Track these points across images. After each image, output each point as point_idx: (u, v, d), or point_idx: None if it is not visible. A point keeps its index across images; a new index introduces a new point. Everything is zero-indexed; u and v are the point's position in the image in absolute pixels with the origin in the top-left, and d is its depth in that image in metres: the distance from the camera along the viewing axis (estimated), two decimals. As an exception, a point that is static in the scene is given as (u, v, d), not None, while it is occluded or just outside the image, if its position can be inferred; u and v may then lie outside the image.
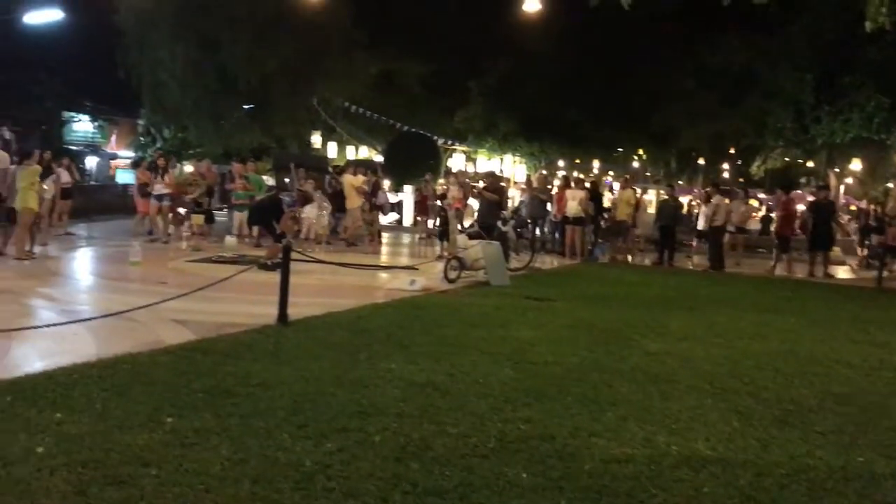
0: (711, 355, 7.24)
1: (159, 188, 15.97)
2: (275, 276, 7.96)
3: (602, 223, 18.10)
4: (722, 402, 5.63)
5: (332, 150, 34.61)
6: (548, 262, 16.01)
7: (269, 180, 18.48)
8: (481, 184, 16.21)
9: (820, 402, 5.72)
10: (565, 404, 5.32)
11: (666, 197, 18.19)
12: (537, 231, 18.21)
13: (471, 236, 12.45)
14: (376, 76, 31.27)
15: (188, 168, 19.47)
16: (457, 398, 5.32)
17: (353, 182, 17.50)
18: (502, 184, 16.06)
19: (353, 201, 17.32)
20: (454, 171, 29.30)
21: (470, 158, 39.84)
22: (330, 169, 21.64)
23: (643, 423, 4.97)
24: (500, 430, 4.69)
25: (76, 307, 8.38)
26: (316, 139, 33.46)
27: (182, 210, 15.97)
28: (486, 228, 12.59)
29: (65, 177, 15.93)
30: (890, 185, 31.84)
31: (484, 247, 11.70)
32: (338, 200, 17.75)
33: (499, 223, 13.53)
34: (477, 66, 35.53)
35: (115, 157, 36.45)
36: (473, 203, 19.29)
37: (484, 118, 37.51)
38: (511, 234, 13.53)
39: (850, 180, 35.45)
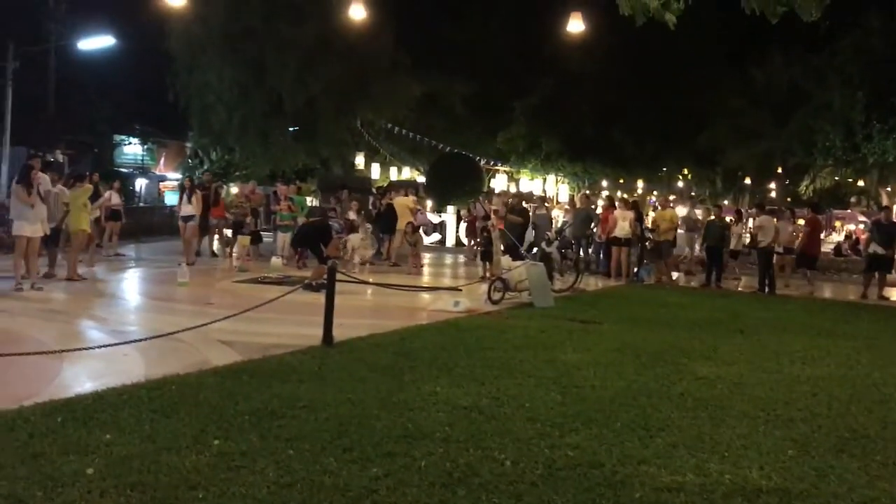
0: (763, 380, 7.05)
1: (187, 210, 15.80)
2: (320, 298, 8.00)
3: (647, 244, 17.86)
4: (776, 429, 5.47)
5: (375, 170, 34.90)
6: (592, 283, 15.85)
7: (312, 201, 18.67)
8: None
9: (879, 431, 5.52)
10: (614, 430, 5.22)
11: (713, 217, 17.87)
12: (581, 252, 18.05)
13: (516, 257, 12.39)
14: (419, 97, 31.50)
15: (234, 190, 19.76)
16: (503, 423, 5.26)
17: (405, 203, 17.56)
18: (526, 205, 16.00)
19: (403, 222, 17.34)
20: (497, 191, 29.29)
21: (513, 179, 39.81)
22: (374, 189, 21.78)
23: (694, 451, 4.85)
24: (547, 456, 4.62)
25: (125, 328, 8.52)
26: (359, 160, 33.78)
27: (228, 231, 16.18)
28: (510, 250, 12.60)
29: (115, 199, 16.28)
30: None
31: (528, 268, 11.63)
32: (382, 221, 17.82)
33: (543, 244, 13.45)
34: (520, 87, 35.55)
35: (163, 179, 37.17)
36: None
37: (527, 138, 37.43)
38: (555, 254, 13.41)
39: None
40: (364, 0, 16.45)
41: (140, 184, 36.49)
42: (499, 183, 37.81)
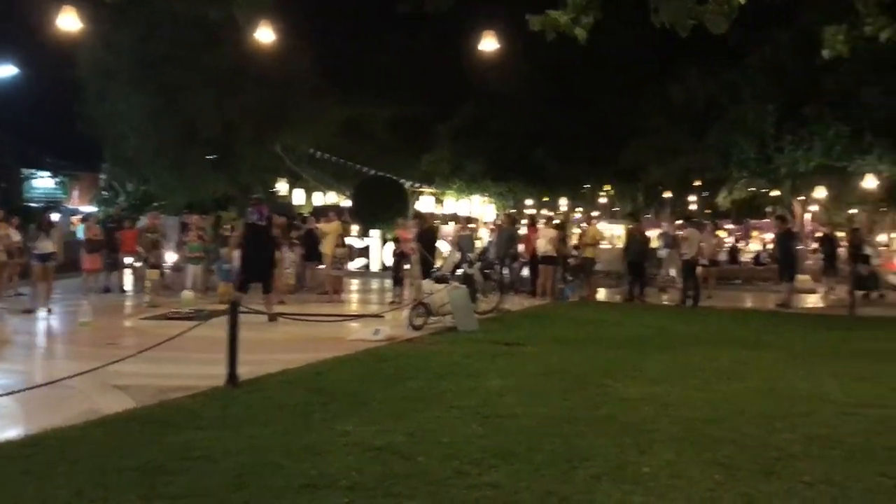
0: (689, 399, 6.87)
1: (42, 246, 13.87)
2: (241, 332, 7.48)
3: (570, 261, 17.82)
4: (704, 451, 5.24)
5: (298, 196, 34.20)
6: (517, 303, 15.64)
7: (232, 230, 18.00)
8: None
9: (805, 448, 5.35)
10: (535, 464, 4.90)
11: (634, 232, 17.98)
12: (506, 272, 17.88)
13: (437, 280, 12.08)
14: (343, 122, 31.06)
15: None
16: (417, 463, 4.89)
17: (331, 228, 17.08)
18: (430, 224, 15.98)
19: (328, 248, 16.80)
20: (419, 213, 29.00)
21: (438, 200, 39.65)
22: (297, 216, 21.25)
23: (618, 482, 4.57)
24: (464, 499, 4.27)
25: (10, 376, 7.80)
26: (282, 186, 33.06)
27: (138, 264, 15.44)
28: (428, 273, 12.50)
29: (15, 236, 15.33)
30: (853, 210, 32.09)
31: (450, 291, 11.32)
32: (307, 248, 17.31)
33: (465, 266, 13.21)
34: (443, 109, 35.56)
35: (75, 212, 35.76)
36: (442, 245, 19.01)
37: (451, 160, 37.41)
38: (477, 275, 13.16)
39: (815, 208, 35.71)
40: (282, 25, 16.05)
41: (52, 218, 35.00)
42: (424, 204, 37.60)
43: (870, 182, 26.06)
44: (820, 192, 30.93)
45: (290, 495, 4.25)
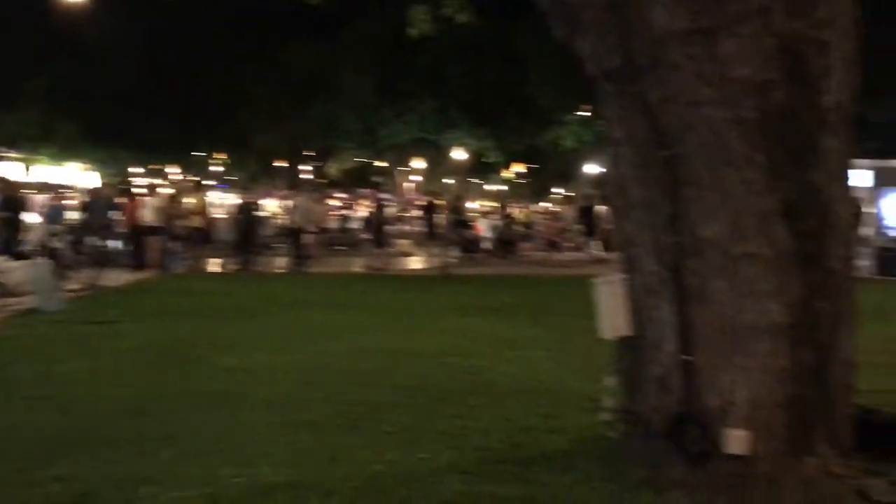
0: (287, 364, 6.93)
1: None
2: None
3: (177, 231, 17.02)
4: (295, 414, 5.31)
5: None
6: (117, 278, 14.50)
7: None
8: None
9: (392, 399, 5.70)
10: (115, 448, 4.53)
11: (243, 201, 17.79)
12: (105, 244, 16.45)
13: (17, 256, 10.68)
14: None
15: None
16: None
17: None
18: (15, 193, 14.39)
19: None
20: (4, 179, 25.48)
21: (27, 167, 35.20)
22: None
23: (205, 456, 4.41)
24: (26, 498, 3.78)
25: None
26: None
27: None
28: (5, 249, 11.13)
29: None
30: (448, 181, 35.52)
31: (29, 268, 10.07)
32: None
33: (53, 238, 11.89)
34: (36, 64, 31.40)
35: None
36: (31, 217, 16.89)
37: (41, 123, 33.34)
38: (67, 250, 11.92)
39: (417, 178, 38.78)
40: None
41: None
42: (10, 171, 33.10)
43: (459, 154, 28.97)
44: (419, 163, 33.66)
45: None
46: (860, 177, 23.72)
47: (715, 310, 3.89)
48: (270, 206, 39.84)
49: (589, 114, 24.46)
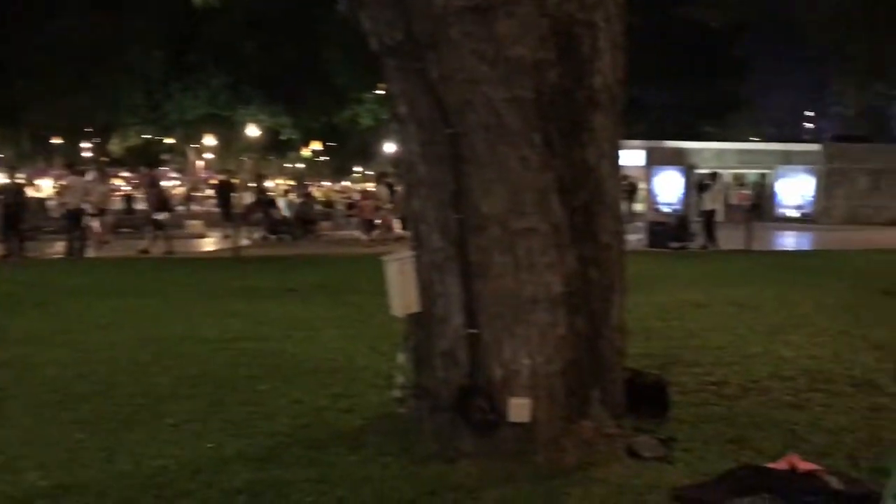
0: (59, 357, 6.36)
1: None
2: None
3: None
4: (66, 411, 4.89)
5: None
6: None
7: None
8: None
9: (174, 390, 5.39)
10: None
11: (10, 181, 16.22)
12: None
13: None
14: None
15: None
16: None
17: None
18: None
19: None
20: None
21: None
22: None
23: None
24: None
25: None
26: None
27: None
28: None
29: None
30: (243, 158, 34.36)
31: None
32: None
33: None
34: None
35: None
36: None
37: None
38: None
39: (210, 156, 37.15)
40: None
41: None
42: None
43: (253, 131, 28.05)
44: (211, 141, 32.25)
45: None
46: (634, 156, 25.88)
47: (498, 283, 3.98)
48: (46, 186, 36.76)
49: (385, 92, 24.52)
